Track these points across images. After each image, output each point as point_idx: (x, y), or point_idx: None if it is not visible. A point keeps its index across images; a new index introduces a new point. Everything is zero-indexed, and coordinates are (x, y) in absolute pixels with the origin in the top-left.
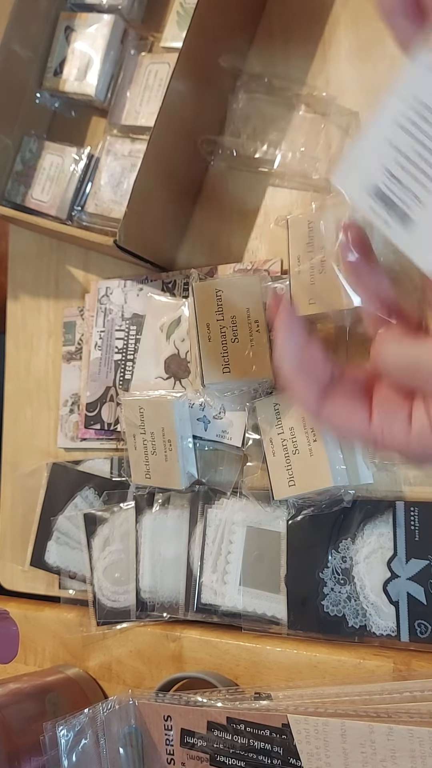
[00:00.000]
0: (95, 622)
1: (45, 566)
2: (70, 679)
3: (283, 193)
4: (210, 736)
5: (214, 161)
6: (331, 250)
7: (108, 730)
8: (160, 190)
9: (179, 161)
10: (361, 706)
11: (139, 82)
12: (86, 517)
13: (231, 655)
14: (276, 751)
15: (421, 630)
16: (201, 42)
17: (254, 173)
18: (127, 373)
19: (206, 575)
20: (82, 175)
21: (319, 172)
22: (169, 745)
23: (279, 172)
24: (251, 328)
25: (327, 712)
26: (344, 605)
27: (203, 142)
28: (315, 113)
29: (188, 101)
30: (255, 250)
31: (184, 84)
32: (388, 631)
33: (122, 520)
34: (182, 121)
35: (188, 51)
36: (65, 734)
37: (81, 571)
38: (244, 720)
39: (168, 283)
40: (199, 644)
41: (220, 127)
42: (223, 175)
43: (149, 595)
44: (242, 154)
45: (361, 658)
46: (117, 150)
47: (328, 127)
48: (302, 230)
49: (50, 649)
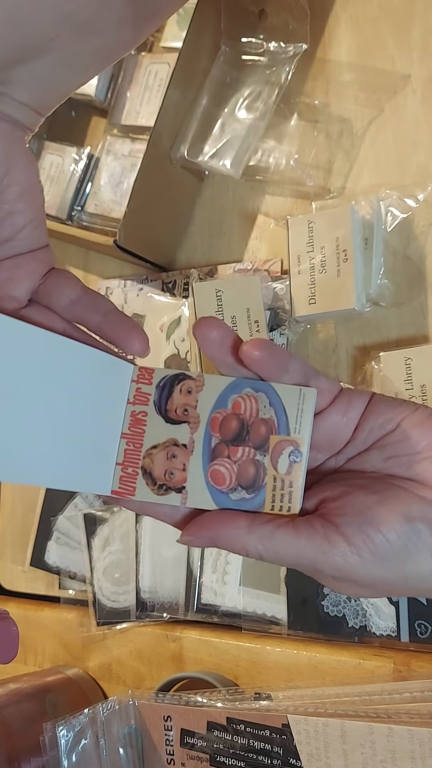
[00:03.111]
0: (95, 623)
1: (45, 566)
2: (70, 680)
3: (281, 198)
4: (210, 737)
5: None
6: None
7: (108, 731)
8: (161, 190)
9: (179, 161)
10: (361, 706)
11: (139, 82)
12: (86, 517)
13: (231, 656)
14: (276, 751)
15: (421, 630)
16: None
17: (250, 181)
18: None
19: (206, 575)
20: (82, 175)
21: (313, 179)
22: (169, 745)
23: (274, 179)
24: (251, 328)
25: (327, 712)
26: (344, 605)
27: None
28: (307, 121)
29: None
30: (255, 250)
31: (183, 85)
32: (388, 631)
33: (122, 521)
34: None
35: (188, 51)
36: (65, 734)
37: (81, 571)
38: (244, 720)
39: (168, 283)
40: (199, 644)
41: None
42: (223, 177)
43: (149, 595)
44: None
45: (361, 659)
46: (117, 150)
47: (320, 134)
48: (302, 230)
49: (50, 649)
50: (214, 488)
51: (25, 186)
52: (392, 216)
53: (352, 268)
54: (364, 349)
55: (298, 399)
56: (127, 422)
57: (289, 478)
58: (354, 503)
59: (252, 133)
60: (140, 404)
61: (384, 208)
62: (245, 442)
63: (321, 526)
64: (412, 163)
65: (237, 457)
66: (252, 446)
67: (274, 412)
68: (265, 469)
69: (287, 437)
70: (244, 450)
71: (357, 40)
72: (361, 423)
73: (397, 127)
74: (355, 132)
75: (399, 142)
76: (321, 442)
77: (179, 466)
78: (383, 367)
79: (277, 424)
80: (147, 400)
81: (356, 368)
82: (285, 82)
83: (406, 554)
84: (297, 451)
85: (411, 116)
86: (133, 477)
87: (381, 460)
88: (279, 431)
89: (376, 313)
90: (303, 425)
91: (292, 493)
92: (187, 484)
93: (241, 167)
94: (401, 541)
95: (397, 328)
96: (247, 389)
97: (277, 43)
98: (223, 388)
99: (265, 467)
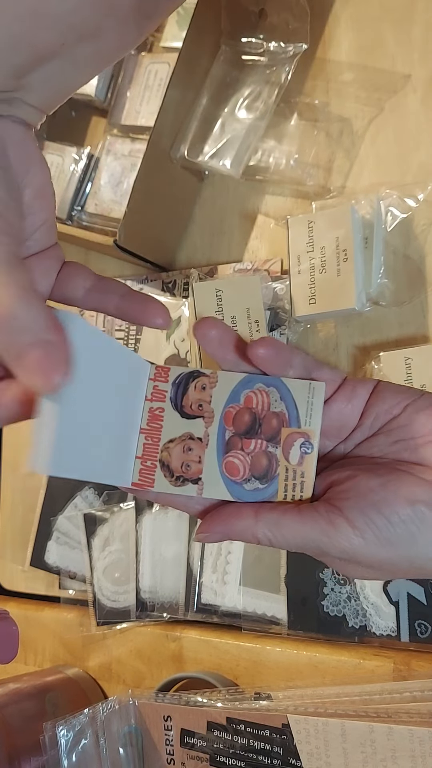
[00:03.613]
0: (95, 622)
1: (45, 566)
2: (70, 679)
3: (281, 197)
4: (210, 737)
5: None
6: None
7: (108, 730)
8: (160, 190)
9: (179, 161)
10: (361, 706)
11: (139, 82)
12: (86, 517)
13: (231, 655)
14: (276, 751)
15: (421, 630)
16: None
17: (250, 181)
18: None
19: (206, 575)
20: (82, 175)
21: (313, 179)
22: (169, 745)
23: (274, 179)
24: (251, 328)
25: (327, 712)
26: (344, 605)
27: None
28: (307, 120)
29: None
30: (255, 250)
31: (183, 85)
32: (388, 631)
33: (122, 520)
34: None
35: (188, 51)
36: (65, 734)
37: (81, 571)
38: (244, 720)
39: (168, 283)
40: (199, 644)
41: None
42: (223, 177)
43: (149, 595)
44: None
45: (361, 658)
46: (117, 150)
47: (320, 134)
48: (302, 230)
49: (50, 649)
50: (229, 479)
51: (40, 187)
52: (392, 215)
53: (352, 267)
54: (364, 349)
55: (308, 392)
56: (145, 418)
57: (301, 469)
58: (358, 487)
59: (252, 133)
60: (157, 401)
61: (384, 208)
62: (258, 435)
63: (325, 511)
64: (412, 163)
65: (250, 449)
66: (264, 438)
67: (285, 406)
68: (277, 461)
69: (298, 429)
70: (257, 442)
71: (357, 40)
72: (367, 409)
73: (397, 127)
74: (356, 131)
75: (399, 141)
76: (329, 429)
77: (195, 458)
78: (383, 366)
79: (288, 417)
80: (164, 396)
81: (356, 368)
82: (285, 82)
83: (409, 536)
84: (308, 443)
85: (411, 115)
86: (151, 469)
87: (388, 445)
88: (290, 424)
89: (376, 313)
90: (313, 417)
91: (303, 482)
92: (203, 475)
93: (241, 167)
94: (404, 523)
95: (397, 327)
96: (259, 384)
97: (277, 42)
98: (236, 384)
99: (277, 458)
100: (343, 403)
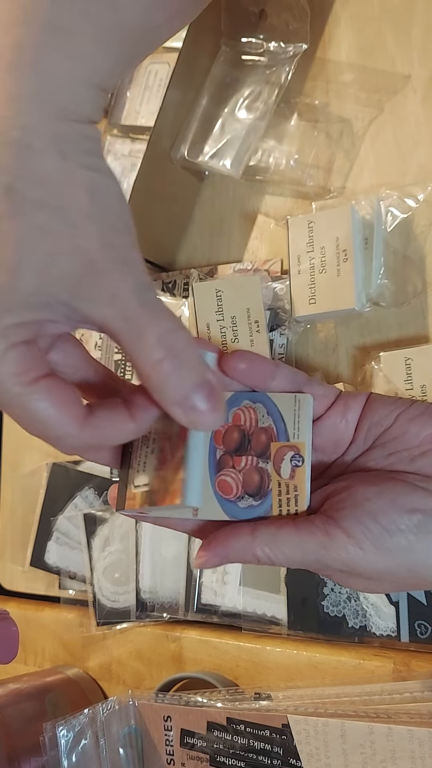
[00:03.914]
0: (95, 623)
1: (45, 566)
2: (70, 680)
3: (281, 198)
4: (210, 737)
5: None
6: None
7: (108, 731)
8: (161, 190)
9: (179, 161)
10: (360, 706)
11: (139, 82)
12: (86, 517)
13: (231, 656)
14: (276, 751)
15: (421, 630)
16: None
17: (250, 181)
18: (127, 372)
19: (206, 575)
20: None
21: (313, 179)
22: (169, 745)
23: (274, 179)
24: (251, 328)
25: (327, 712)
26: (344, 605)
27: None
28: (307, 121)
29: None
30: (255, 250)
31: (183, 85)
32: (388, 631)
33: (122, 520)
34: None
35: (188, 51)
36: (65, 734)
37: (81, 572)
38: (244, 720)
39: (168, 283)
40: (199, 645)
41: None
42: (223, 177)
43: (149, 595)
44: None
45: (361, 659)
46: (117, 150)
47: (320, 134)
48: (302, 230)
49: (50, 649)
50: (222, 498)
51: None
52: (392, 216)
53: (352, 268)
54: (364, 349)
55: (294, 405)
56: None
57: (293, 482)
58: (354, 496)
59: (252, 133)
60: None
61: (384, 208)
62: (247, 452)
63: (321, 522)
64: (412, 163)
65: (241, 466)
66: (254, 455)
67: (272, 421)
68: (268, 476)
69: (287, 443)
70: (247, 459)
71: (357, 40)
72: (360, 423)
73: (397, 127)
74: (356, 132)
75: (399, 141)
76: (325, 445)
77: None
78: (383, 367)
79: (276, 431)
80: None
81: (356, 368)
82: (285, 82)
83: (407, 544)
84: (298, 456)
85: (411, 116)
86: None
87: (383, 457)
88: (279, 438)
89: (376, 313)
90: (302, 430)
91: (297, 496)
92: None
93: (241, 167)
94: (401, 531)
95: (397, 328)
96: (246, 401)
97: (277, 43)
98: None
99: (268, 473)
100: (338, 418)
